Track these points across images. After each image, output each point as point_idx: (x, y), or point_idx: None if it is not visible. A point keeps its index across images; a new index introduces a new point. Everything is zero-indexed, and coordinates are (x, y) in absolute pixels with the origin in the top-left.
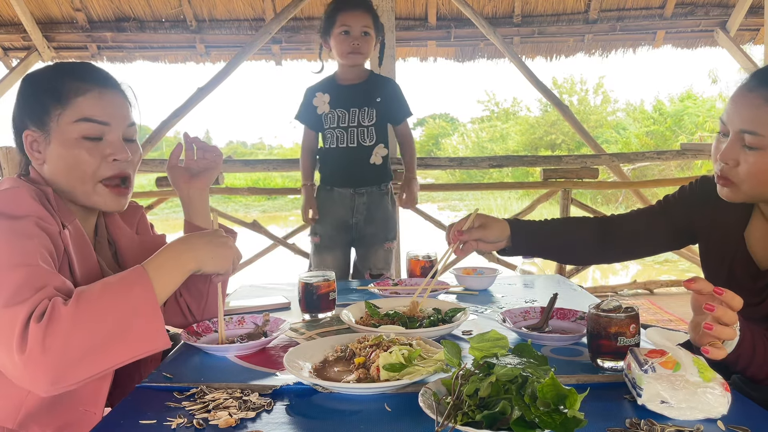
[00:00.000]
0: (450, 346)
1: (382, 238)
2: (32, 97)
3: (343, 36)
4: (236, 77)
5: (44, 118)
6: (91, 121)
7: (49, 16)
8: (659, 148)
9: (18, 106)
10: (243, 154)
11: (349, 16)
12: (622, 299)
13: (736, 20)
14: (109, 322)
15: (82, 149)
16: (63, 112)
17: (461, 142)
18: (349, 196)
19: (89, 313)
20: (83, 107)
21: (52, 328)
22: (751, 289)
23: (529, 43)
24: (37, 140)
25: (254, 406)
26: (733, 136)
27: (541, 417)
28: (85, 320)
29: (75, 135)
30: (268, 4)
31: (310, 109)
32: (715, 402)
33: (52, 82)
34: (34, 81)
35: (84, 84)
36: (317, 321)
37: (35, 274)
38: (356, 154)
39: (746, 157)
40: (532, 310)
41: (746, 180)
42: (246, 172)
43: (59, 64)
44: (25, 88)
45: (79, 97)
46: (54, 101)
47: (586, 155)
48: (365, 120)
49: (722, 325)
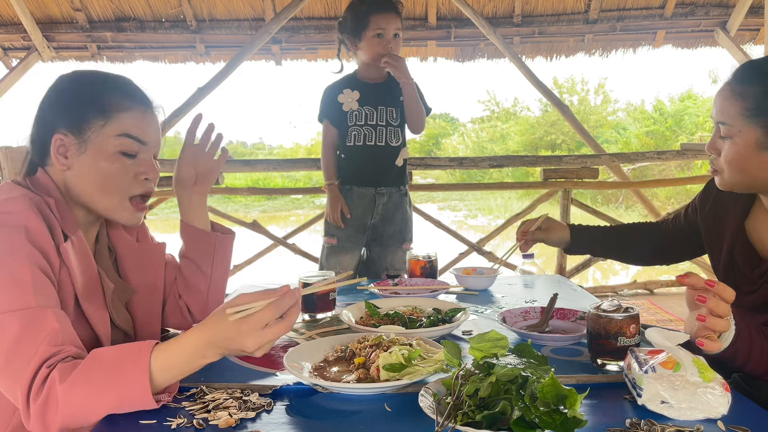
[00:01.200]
0: (450, 346)
1: (400, 239)
2: (73, 102)
3: (377, 39)
4: (236, 77)
5: (83, 126)
6: (132, 138)
7: (49, 16)
8: (659, 148)
9: (52, 107)
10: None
11: (382, 18)
12: (622, 299)
13: (736, 20)
14: (103, 409)
15: (118, 163)
16: (106, 124)
17: (461, 142)
18: (370, 197)
19: (83, 401)
20: (126, 124)
21: (48, 411)
22: (749, 278)
23: (529, 43)
24: (67, 145)
25: (254, 406)
26: (715, 129)
27: (541, 417)
28: (79, 407)
29: (114, 149)
30: (268, 4)
31: (334, 106)
32: (715, 402)
33: (98, 93)
34: (77, 87)
35: (129, 101)
36: (317, 321)
37: (30, 325)
38: (383, 153)
39: (723, 147)
40: (532, 310)
41: (725, 168)
42: (246, 172)
43: (104, 76)
44: (65, 91)
45: (123, 113)
46: (98, 112)
47: (586, 155)
48: (392, 120)
49: (715, 317)
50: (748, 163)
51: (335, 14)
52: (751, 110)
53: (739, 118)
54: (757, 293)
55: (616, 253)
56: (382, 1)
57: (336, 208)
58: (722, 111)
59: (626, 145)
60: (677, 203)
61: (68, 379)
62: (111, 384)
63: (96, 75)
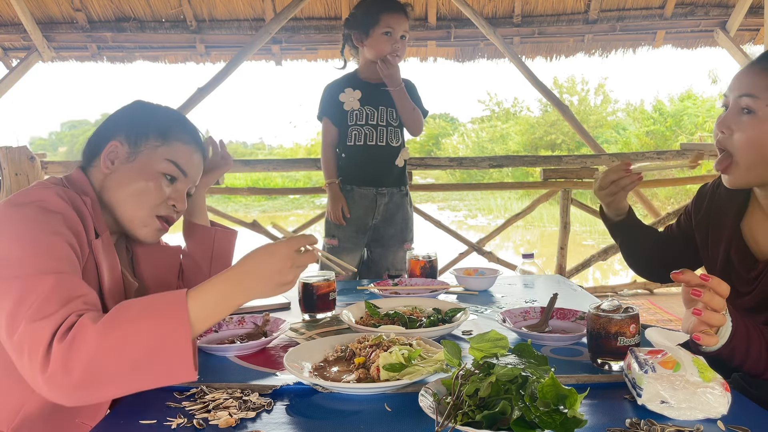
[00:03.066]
0: (450, 346)
1: (401, 239)
2: (140, 119)
3: (386, 37)
4: (236, 77)
5: (140, 141)
6: (177, 165)
7: (49, 16)
8: (659, 148)
9: (120, 118)
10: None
11: (393, 18)
12: (622, 299)
13: (736, 20)
14: (136, 352)
15: (157, 183)
16: (161, 146)
17: (461, 142)
18: (371, 197)
19: (117, 339)
20: (177, 153)
21: (75, 348)
22: (745, 279)
23: (529, 43)
24: (118, 152)
25: (254, 406)
26: (733, 104)
27: (541, 417)
28: (111, 345)
29: (159, 168)
30: (268, 4)
31: (335, 105)
32: (715, 402)
33: (165, 121)
34: (149, 110)
35: (188, 137)
36: (317, 321)
37: (64, 284)
38: (384, 153)
39: (741, 125)
40: (532, 310)
41: (740, 148)
42: (246, 172)
43: (177, 112)
44: (138, 110)
45: (178, 143)
46: (158, 135)
47: (586, 155)
48: (393, 120)
49: (711, 311)
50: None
51: (335, 14)
52: None
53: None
54: (753, 294)
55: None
56: (395, 2)
57: (337, 207)
58: (750, 84)
59: (626, 145)
60: (677, 203)
61: (101, 321)
62: (148, 323)
63: (170, 110)
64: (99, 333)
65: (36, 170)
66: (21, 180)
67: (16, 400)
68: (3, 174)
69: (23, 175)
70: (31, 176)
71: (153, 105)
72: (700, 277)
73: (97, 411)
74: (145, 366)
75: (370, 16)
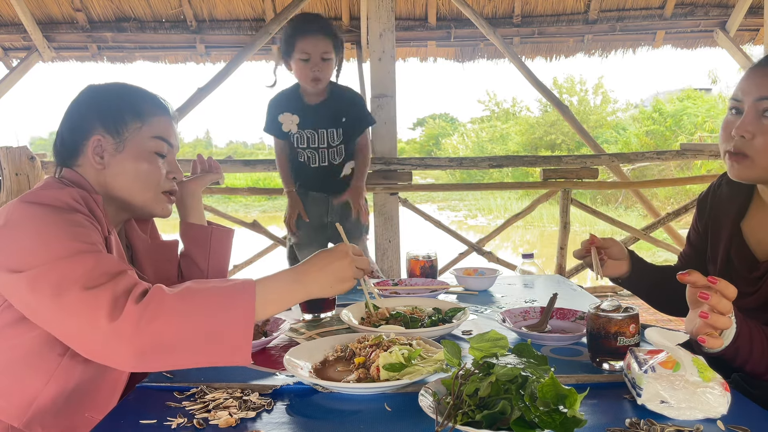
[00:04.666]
0: (450, 346)
1: (358, 234)
2: (111, 107)
3: (303, 63)
4: (236, 77)
5: (121, 128)
6: (164, 140)
7: (50, 16)
8: (659, 148)
9: (89, 111)
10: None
11: (308, 42)
12: (622, 299)
13: (736, 20)
14: (203, 327)
15: (154, 163)
16: (142, 127)
17: (461, 142)
18: (324, 199)
19: (189, 312)
20: (159, 127)
21: (151, 311)
22: (747, 279)
23: (529, 43)
24: (104, 146)
25: (254, 406)
26: (750, 108)
27: (541, 417)
28: (182, 316)
29: (150, 149)
30: (268, 4)
31: (276, 124)
32: (715, 402)
33: (134, 99)
34: (113, 94)
35: (159, 108)
36: (317, 321)
37: (108, 259)
38: (328, 170)
39: (763, 128)
40: (532, 310)
41: (763, 151)
42: (246, 172)
43: (133, 86)
44: (101, 98)
45: (155, 117)
46: (135, 116)
47: (586, 155)
48: (334, 140)
49: (717, 314)
50: None
51: (335, 14)
52: None
53: None
54: (756, 295)
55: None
56: (308, 24)
57: (293, 214)
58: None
59: (626, 145)
60: (677, 203)
61: (177, 292)
62: (218, 303)
63: (126, 85)
64: (174, 302)
65: (36, 170)
66: (21, 180)
67: (31, 392)
68: (3, 174)
69: (23, 175)
70: (31, 176)
71: (111, 87)
72: (708, 280)
73: (106, 405)
74: (207, 342)
75: (288, 42)
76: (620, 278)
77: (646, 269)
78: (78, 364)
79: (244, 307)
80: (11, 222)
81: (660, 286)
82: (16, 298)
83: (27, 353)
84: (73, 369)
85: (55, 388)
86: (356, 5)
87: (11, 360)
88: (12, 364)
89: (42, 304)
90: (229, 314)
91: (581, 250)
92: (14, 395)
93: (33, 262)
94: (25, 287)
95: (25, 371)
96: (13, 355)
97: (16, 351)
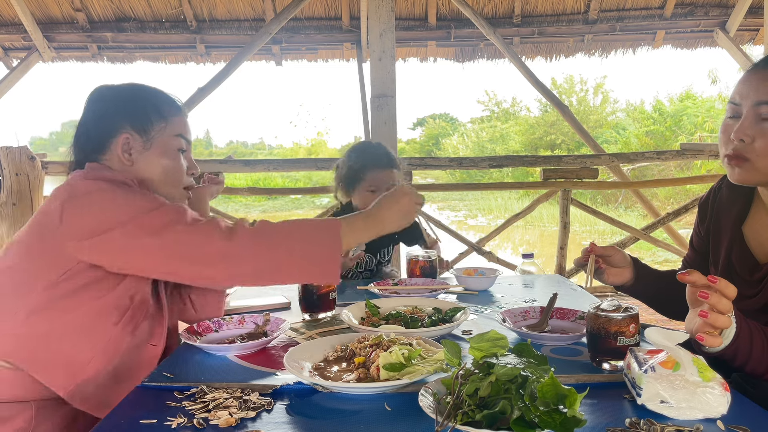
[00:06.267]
0: (450, 346)
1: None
2: (137, 107)
3: (369, 194)
4: (236, 77)
5: (148, 127)
6: (184, 138)
7: (50, 16)
8: (659, 148)
9: (117, 111)
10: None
11: (378, 175)
12: (622, 299)
13: (736, 20)
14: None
15: (177, 160)
16: (166, 126)
17: (461, 142)
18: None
19: (291, 233)
20: (178, 126)
21: (261, 233)
22: (748, 282)
23: (529, 43)
24: (132, 144)
25: (254, 405)
26: (749, 112)
27: (541, 417)
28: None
29: (174, 146)
30: (268, 4)
31: None
32: (715, 402)
33: (156, 101)
34: (138, 95)
35: (177, 108)
36: (317, 321)
37: (187, 209)
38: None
39: (763, 131)
40: (532, 310)
41: (763, 155)
42: (246, 172)
43: (151, 87)
44: (126, 97)
45: (175, 116)
46: (159, 116)
47: (586, 155)
48: (384, 257)
49: (717, 313)
50: None
51: (335, 14)
52: None
53: None
54: (757, 297)
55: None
56: (379, 159)
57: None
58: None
59: (626, 145)
60: (677, 203)
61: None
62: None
63: (145, 86)
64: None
65: (36, 170)
66: (21, 180)
67: (80, 361)
68: (3, 174)
69: (24, 175)
70: (32, 176)
71: (132, 88)
72: (708, 279)
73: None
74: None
75: (356, 173)
76: (624, 285)
77: (650, 276)
78: (126, 336)
79: (332, 236)
80: (78, 194)
81: (665, 293)
82: (107, 256)
83: (82, 323)
84: (121, 340)
85: (102, 360)
86: (356, 5)
87: (67, 330)
88: (67, 334)
89: (148, 250)
90: (321, 235)
91: (581, 258)
92: (65, 365)
93: (122, 218)
94: (122, 242)
95: (78, 341)
96: (70, 325)
97: (72, 321)
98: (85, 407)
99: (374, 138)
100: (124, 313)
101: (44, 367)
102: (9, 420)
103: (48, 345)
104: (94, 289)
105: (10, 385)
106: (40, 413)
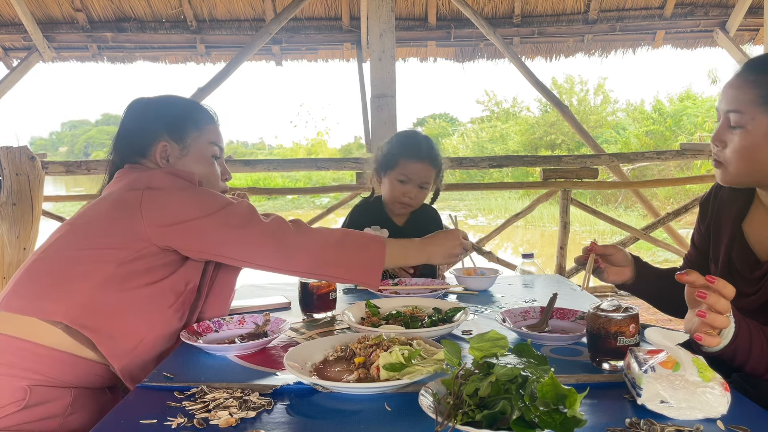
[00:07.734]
0: (450, 346)
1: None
2: (176, 118)
3: (398, 183)
4: (236, 77)
5: (183, 136)
6: (217, 145)
7: (50, 16)
8: (659, 148)
9: (155, 120)
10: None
11: (412, 166)
12: (622, 299)
13: (736, 20)
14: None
15: (212, 166)
16: (200, 134)
17: (461, 142)
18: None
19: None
20: (212, 134)
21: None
22: (748, 279)
23: (529, 43)
24: (169, 151)
25: (254, 405)
26: (722, 119)
27: (541, 417)
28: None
29: (209, 153)
30: (268, 5)
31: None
32: (715, 402)
33: (192, 111)
34: (175, 106)
35: (210, 118)
36: (317, 321)
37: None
38: None
39: (732, 137)
40: (532, 310)
41: (732, 160)
42: (246, 172)
43: (188, 99)
44: (164, 109)
45: (209, 125)
46: (194, 125)
47: (586, 155)
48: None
49: (715, 313)
50: (759, 152)
51: (335, 14)
52: (764, 97)
53: (752, 105)
54: (757, 295)
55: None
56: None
57: None
58: (734, 99)
59: (626, 145)
60: (677, 203)
61: (332, 228)
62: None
63: (181, 97)
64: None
65: (36, 170)
66: (21, 180)
67: (137, 337)
68: (3, 174)
69: (24, 175)
70: (32, 176)
71: (170, 100)
72: (706, 279)
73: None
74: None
75: (391, 157)
76: (625, 284)
77: (651, 275)
78: (176, 320)
79: (378, 247)
80: (156, 185)
81: (667, 291)
82: (183, 241)
83: (144, 300)
84: (170, 322)
85: (153, 338)
86: (356, 5)
87: (132, 305)
88: (132, 309)
89: (231, 239)
90: (369, 247)
91: (581, 257)
92: (125, 338)
93: (209, 209)
94: (206, 230)
95: (139, 317)
96: (135, 302)
97: (135, 297)
98: (131, 385)
99: (375, 139)
100: (178, 298)
101: (108, 337)
102: (46, 403)
103: (112, 318)
104: (158, 271)
105: (60, 364)
106: (77, 402)
